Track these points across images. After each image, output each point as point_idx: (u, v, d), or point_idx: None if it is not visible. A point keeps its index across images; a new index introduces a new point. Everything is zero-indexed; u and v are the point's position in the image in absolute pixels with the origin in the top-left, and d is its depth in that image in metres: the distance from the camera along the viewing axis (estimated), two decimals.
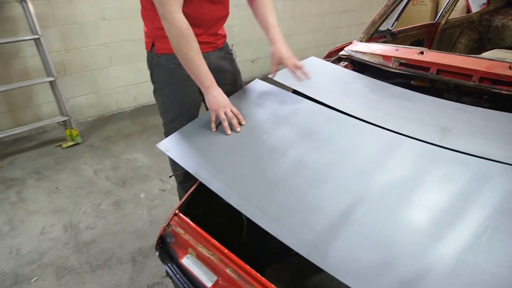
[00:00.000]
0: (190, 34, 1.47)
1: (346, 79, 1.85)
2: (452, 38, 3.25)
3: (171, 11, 1.43)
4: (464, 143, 1.33)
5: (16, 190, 2.77)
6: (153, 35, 1.64)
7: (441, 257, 0.97)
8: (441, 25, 3.03)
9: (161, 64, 1.67)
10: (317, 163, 1.33)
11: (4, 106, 3.43)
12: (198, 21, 1.58)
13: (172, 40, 1.48)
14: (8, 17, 3.24)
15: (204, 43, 1.67)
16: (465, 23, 3.29)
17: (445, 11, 3.04)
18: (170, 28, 1.46)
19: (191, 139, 1.55)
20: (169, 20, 1.44)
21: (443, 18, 3.03)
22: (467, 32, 3.32)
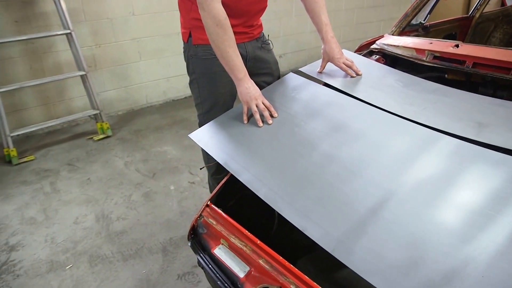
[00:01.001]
0: (227, 24, 1.48)
1: (378, 73, 1.83)
2: (486, 32, 3.15)
3: (210, 1, 1.43)
4: (502, 138, 1.29)
5: (50, 181, 2.86)
6: (190, 25, 1.66)
7: (472, 260, 0.93)
8: (475, 18, 2.95)
9: (198, 55, 1.69)
10: (348, 157, 1.32)
11: (38, 99, 3.53)
12: (237, 11, 1.59)
13: (208, 29, 1.49)
14: (41, 12, 3.32)
15: (241, 33, 1.68)
16: (501, 16, 3.19)
17: (480, 4, 2.95)
18: (208, 17, 1.46)
19: (222, 130, 1.57)
20: (207, 9, 1.45)
21: (478, 12, 2.95)
22: (502, 26, 3.21)
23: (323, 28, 1.74)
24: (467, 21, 2.93)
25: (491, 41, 3.22)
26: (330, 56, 1.74)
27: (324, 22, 1.74)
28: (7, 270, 2.07)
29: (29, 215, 2.49)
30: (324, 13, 1.75)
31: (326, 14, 1.76)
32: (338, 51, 1.73)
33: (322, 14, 1.74)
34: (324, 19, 1.74)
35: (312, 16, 1.77)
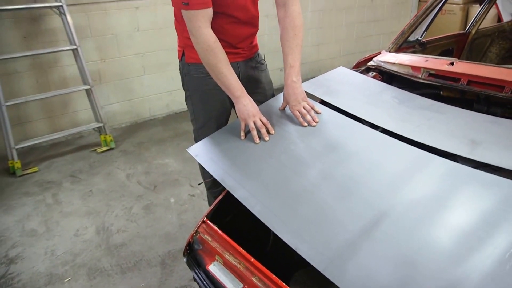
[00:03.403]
0: (218, 47, 1.53)
1: (375, 89, 1.86)
2: (483, 47, 3.19)
3: (198, 27, 1.48)
4: (495, 156, 1.31)
5: (52, 193, 2.90)
6: (184, 44, 1.71)
7: (462, 281, 0.95)
8: (471, 34, 2.98)
9: (191, 73, 1.74)
10: (342, 176, 1.34)
11: (43, 112, 3.59)
12: (226, 36, 1.64)
13: (200, 53, 1.54)
14: (49, 28, 3.40)
15: (234, 53, 1.72)
16: (496, 32, 3.23)
17: (475, 21, 3.00)
18: (198, 43, 1.52)
19: (220, 145, 1.59)
20: (196, 34, 1.50)
21: (474, 28, 2.99)
22: (498, 41, 3.26)
23: (286, 70, 1.66)
24: (463, 37, 2.97)
25: (487, 56, 3.26)
26: (286, 100, 1.66)
27: (289, 64, 1.65)
28: (5, 284, 2.09)
29: (30, 227, 2.52)
30: (292, 54, 1.65)
31: (295, 55, 1.66)
32: (295, 98, 1.62)
33: (290, 54, 1.65)
34: (291, 60, 1.65)
35: (282, 53, 1.69)
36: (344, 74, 2.00)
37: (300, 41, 1.66)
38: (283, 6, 1.64)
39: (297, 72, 1.66)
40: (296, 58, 1.66)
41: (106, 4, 3.59)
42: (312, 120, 1.60)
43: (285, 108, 1.71)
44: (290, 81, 1.64)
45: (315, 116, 1.63)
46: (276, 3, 1.66)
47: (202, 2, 1.46)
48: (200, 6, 1.46)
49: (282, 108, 1.72)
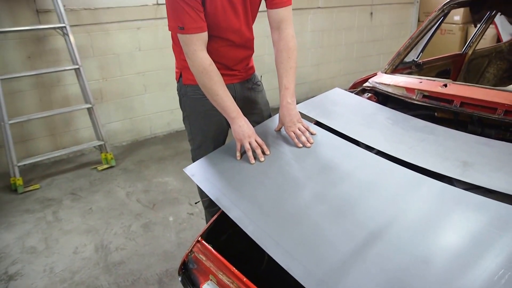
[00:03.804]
0: (213, 69, 1.57)
1: (369, 111, 1.89)
2: (480, 68, 3.23)
3: (194, 50, 1.53)
4: (485, 178, 1.33)
5: (53, 210, 2.92)
6: (181, 66, 1.76)
7: None
8: (468, 55, 3.03)
9: (188, 94, 1.78)
10: (335, 197, 1.36)
11: (45, 130, 3.64)
12: (222, 59, 1.69)
13: (196, 76, 1.59)
14: (52, 48, 3.48)
15: (230, 75, 1.76)
16: (494, 52, 3.27)
17: (472, 42, 3.04)
18: (193, 65, 1.56)
19: (216, 165, 1.62)
20: (192, 58, 1.55)
21: (470, 49, 3.03)
22: (495, 61, 3.30)
23: (281, 92, 1.68)
24: (460, 58, 3.01)
25: (485, 76, 3.29)
26: (282, 121, 1.69)
27: (284, 86, 1.67)
28: None
29: (30, 244, 2.53)
30: (287, 76, 1.68)
31: (289, 77, 1.68)
32: (290, 120, 1.65)
33: (285, 77, 1.68)
34: (286, 82, 1.67)
35: (277, 75, 1.72)
36: (339, 95, 2.04)
37: (294, 63, 1.70)
38: (277, 29, 1.69)
39: (292, 93, 1.69)
40: (291, 80, 1.69)
41: (108, 25, 3.67)
42: (306, 141, 1.63)
43: (281, 129, 1.74)
44: (285, 103, 1.67)
45: (310, 137, 1.66)
46: (270, 26, 1.71)
47: (197, 26, 1.51)
48: (195, 30, 1.51)
49: (278, 129, 1.75)
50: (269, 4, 1.67)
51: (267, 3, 1.67)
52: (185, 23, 1.49)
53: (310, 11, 4.96)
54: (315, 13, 5.01)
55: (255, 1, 1.66)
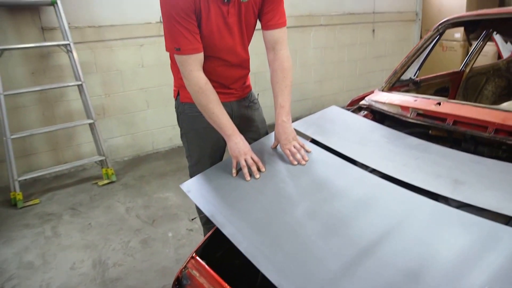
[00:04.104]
0: (209, 88, 1.61)
1: (365, 129, 1.91)
2: (478, 85, 3.25)
3: (190, 70, 1.57)
4: (475, 196, 1.34)
5: (52, 225, 2.93)
6: (179, 84, 1.79)
7: None
8: (466, 73, 3.06)
9: (186, 112, 1.81)
10: (327, 214, 1.37)
11: (47, 145, 3.69)
12: (218, 78, 1.73)
13: (192, 95, 1.63)
14: (56, 65, 3.55)
15: (227, 93, 1.79)
16: (491, 70, 3.30)
17: (469, 59, 3.08)
18: (190, 85, 1.61)
19: (212, 182, 1.64)
20: (188, 78, 1.59)
21: (468, 66, 3.06)
22: (493, 79, 3.32)
23: (277, 110, 1.71)
24: (458, 75, 3.04)
25: (483, 94, 3.31)
26: (277, 139, 1.72)
27: (279, 105, 1.71)
28: None
29: (28, 259, 2.54)
30: (282, 95, 1.71)
31: (284, 96, 1.71)
32: (285, 138, 1.67)
33: (280, 96, 1.71)
34: (281, 101, 1.71)
35: (273, 93, 1.75)
36: (335, 113, 2.06)
37: (289, 83, 1.73)
38: (273, 49, 1.72)
39: (287, 112, 1.72)
40: (286, 98, 1.72)
41: (112, 42, 3.74)
42: (301, 158, 1.64)
43: (277, 146, 1.76)
44: (281, 121, 1.70)
45: (305, 155, 1.67)
46: (266, 47, 1.74)
47: (193, 48, 1.55)
48: (191, 51, 1.55)
49: (274, 147, 1.77)
50: (264, 25, 1.70)
51: (262, 24, 1.71)
52: (181, 45, 1.54)
53: (312, 29, 5.03)
54: (317, 30, 5.08)
55: (250, 23, 1.70)
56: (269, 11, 1.67)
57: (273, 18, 1.68)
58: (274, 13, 1.68)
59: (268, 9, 1.67)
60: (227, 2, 1.57)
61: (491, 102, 3.28)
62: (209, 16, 1.57)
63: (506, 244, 1.12)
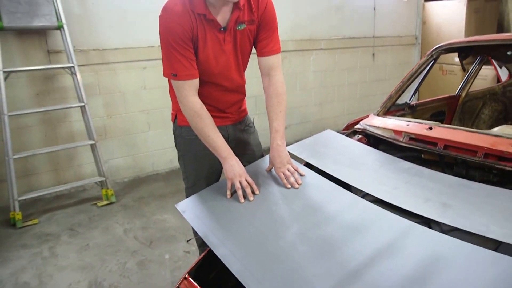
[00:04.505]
0: (204, 112, 1.66)
1: (358, 152, 1.94)
2: (475, 109, 3.29)
3: (185, 95, 1.63)
4: (462, 220, 1.36)
5: (50, 245, 2.95)
6: (176, 108, 1.84)
7: None
8: (462, 97, 3.10)
9: (182, 135, 1.85)
10: (318, 238, 1.39)
11: (48, 165, 3.73)
12: (214, 102, 1.78)
13: (188, 119, 1.68)
14: (60, 86, 3.63)
15: (223, 117, 1.84)
16: (488, 94, 3.33)
17: (465, 84, 3.12)
18: (185, 109, 1.66)
19: (206, 203, 1.67)
20: (184, 102, 1.65)
21: (464, 91, 3.11)
22: (490, 103, 3.35)
23: (272, 134, 1.76)
24: (454, 100, 3.08)
25: (480, 118, 3.34)
26: (272, 162, 1.76)
27: (274, 129, 1.75)
28: None
29: (23, 280, 2.55)
30: (277, 119, 1.76)
31: (279, 120, 1.76)
32: (280, 161, 1.72)
33: (275, 120, 1.76)
34: (276, 125, 1.76)
35: (268, 118, 1.80)
36: (330, 137, 2.09)
37: (283, 107, 1.77)
38: (267, 75, 1.78)
39: (282, 136, 1.76)
40: (281, 123, 1.77)
41: (115, 65, 3.83)
42: (295, 182, 1.67)
43: (271, 169, 1.79)
44: (275, 145, 1.74)
45: (299, 178, 1.70)
46: (261, 72, 1.80)
47: (188, 74, 1.61)
48: (187, 77, 1.62)
49: (268, 170, 1.80)
50: (259, 52, 1.76)
51: (257, 51, 1.77)
52: (178, 71, 1.60)
53: (312, 52, 5.12)
54: (317, 54, 5.17)
55: (246, 50, 1.76)
56: (264, 38, 1.73)
57: (268, 45, 1.74)
58: (268, 41, 1.74)
59: (263, 37, 1.73)
60: (223, 30, 1.64)
61: (488, 126, 3.31)
62: (206, 43, 1.63)
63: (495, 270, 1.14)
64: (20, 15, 3.14)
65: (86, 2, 3.62)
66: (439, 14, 5.98)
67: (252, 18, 1.67)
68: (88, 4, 3.63)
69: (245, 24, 1.66)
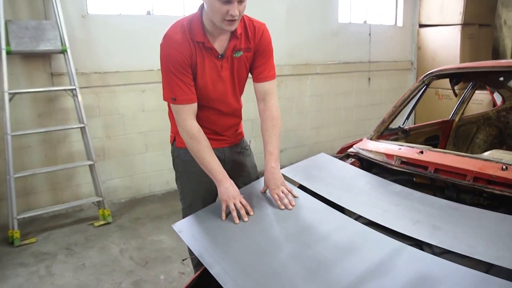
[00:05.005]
0: (200, 136, 1.72)
1: (350, 175, 1.99)
2: (469, 134, 3.34)
3: (184, 118, 1.70)
4: (451, 241, 1.40)
5: (46, 264, 2.95)
6: (175, 131, 1.90)
7: None
8: (455, 122, 3.16)
9: (181, 156, 1.91)
10: (310, 258, 1.42)
11: (47, 184, 3.77)
12: (211, 125, 1.85)
13: (185, 141, 1.74)
14: (62, 108, 3.71)
15: (220, 140, 1.90)
16: (482, 119, 3.38)
17: (458, 109, 3.18)
18: (183, 132, 1.73)
19: (203, 223, 1.71)
20: (182, 125, 1.71)
21: (457, 115, 3.17)
22: (484, 128, 3.40)
23: (266, 157, 1.81)
24: (447, 124, 3.14)
25: (475, 142, 3.38)
26: (266, 184, 1.80)
27: (269, 152, 1.81)
28: None
29: None
30: (271, 142, 1.82)
31: (274, 143, 1.82)
32: (274, 183, 1.76)
33: (270, 143, 1.82)
34: (270, 148, 1.81)
35: (263, 141, 1.85)
36: (323, 160, 2.15)
37: (278, 131, 1.84)
38: (263, 100, 1.85)
39: (276, 158, 1.81)
40: (275, 146, 1.83)
41: (115, 87, 3.92)
42: (288, 203, 1.72)
43: (266, 191, 1.83)
44: (270, 167, 1.79)
45: (292, 200, 1.75)
46: (256, 97, 1.87)
47: (187, 98, 1.69)
48: (185, 101, 1.69)
49: (263, 191, 1.85)
50: (255, 78, 1.84)
51: (253, 77, 1.85)
52: (177, 95, 1.68)
53: (308, 77, 5.22)
54: (313, 78, 5.26)
55: (243, 76, 1.84)
56: (260, 65, 1.81)
57: (264, 71, 1.82)
58: (264, 67, 1.82)
59: (259, 63, 1.81)
60: (221, 57, 1.72)
61: (482, 150, 3.35)
62: (204, 70, 1.71)
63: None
64: (27, 39, 3.26)
65: (89, 27, 3.73)
66: (434, 40, 6.10)
67: (249, 46, 1.75)
68: (91, 29, 3.74)
69: (241, 52, 1.74)
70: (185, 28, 1.65)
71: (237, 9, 1.54)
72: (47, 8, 3.50)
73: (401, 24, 6.09)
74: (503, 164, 1.70)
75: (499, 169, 1.68)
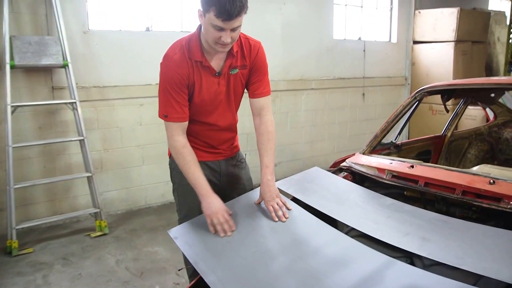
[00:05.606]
0: (186, 151, 1.80)
1: (343, 189, 2.04)
2: (461, 149, 3.39)
3: (172, 134, 1.80)
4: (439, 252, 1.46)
5: (43, 274, 2.98)
6: None
7: None
8: (447, 137, 3.22)
9: (177, 169, 1.96)
10: (302, 270, 1.47)
11: (46, 195, 3.80)
12: (206, 139, 1.92)
13: (173, 155, 1.85)
14: (62, 120, 3.78)
15: (215, 153, 1.97)
16: (474, 135, 3.45)
17: (450, 124, 3.25)
18: (171, 147, 1.83)
19: (198, 231, 1.76)
20: (170, 141, 1.81)
21: (449, 131, 3.23)
22: (476, 143, 3.45)
23: (262, 170, 1.87)
24: (440, 140, 3.20)
25: (467, 158, 3.44)
26: (262, 196, 1.84)
27: (265, 164, 1.87)
28: None
29: None
30: (267, 156, 1.88)
31: (269, 157, 1.88)
32: (270, 195, 1.81)
33: (265, 156, 1.88)
34: (266, 161, 1.87)
35: (259, 154, 1.91)
36: (317, 174, 2.21)
37: (273, 145, 1.91)
38: (258, 115, 1.93)
39: (271, 171, 1.88)
40: (270, 159, 1.89)
41: (114, 101, 3.99)
42: (282, 215, 1.77)
43: (261, 202, 1.89)
44: (266, 180, 1.85)
45: (286, 212, 1.80)
46: (252, 112, 1.94)
47: (178, 117, 1.78)
48: (176, 120, 1.79)
49: (258, 203, 1.90)
50: (251, 94, 1.92)
51: (249, 93, 1.93)
52: (169, 113, 1.78)
53: (303, 92, 5.29)
54: (308, 94, 5.34)
55: (239, 92, 1.92)
56: (255, 81, 1.89)
57: (259, 88, 1.89)
58: (260, 84, 1.89)
59: (254, 80, 1.89)
60: (218, 74, 1.80)
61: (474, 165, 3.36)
62: (202, 87, 1.79)
63: None
64: (30, 54, 3.34)
65: (90, 42, 3.82)
66: (428, 56, 6.20)
67: (245, 63, 1.83)
68: (92, 44, 3.83)
69: (237, 69, 1.83)
70: (184, 48, 1.74)
71: (230, 36, 1.62)
72: (50, 24, 3.59)
73: (395, 40, 6.19)
74: (491, 178, 1.76)
75: (486, 183, 1.73)
